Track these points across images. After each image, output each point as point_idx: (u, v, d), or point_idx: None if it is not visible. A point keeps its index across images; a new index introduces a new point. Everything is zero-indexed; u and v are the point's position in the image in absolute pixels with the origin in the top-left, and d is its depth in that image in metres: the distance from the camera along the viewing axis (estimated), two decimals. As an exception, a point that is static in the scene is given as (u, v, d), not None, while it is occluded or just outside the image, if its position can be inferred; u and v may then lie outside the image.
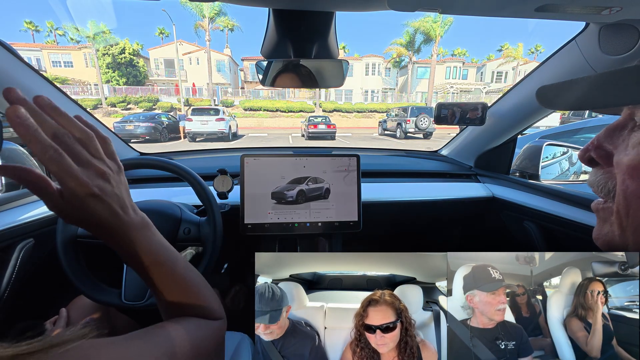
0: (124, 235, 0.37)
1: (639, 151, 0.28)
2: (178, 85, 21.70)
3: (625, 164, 0.28)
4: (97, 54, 22.75)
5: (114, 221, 0.35)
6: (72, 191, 0.32)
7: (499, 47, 32.12)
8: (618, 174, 0.29)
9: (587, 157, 0.33)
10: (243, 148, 1.52)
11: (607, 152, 0.31)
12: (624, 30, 0.63)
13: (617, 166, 0.29)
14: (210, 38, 23.37)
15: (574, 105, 0.31)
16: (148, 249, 0.39)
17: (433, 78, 24.11)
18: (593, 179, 0.33)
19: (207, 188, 0.78)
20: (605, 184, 0.31)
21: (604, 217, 0.33)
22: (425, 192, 1.15)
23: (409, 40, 23.83)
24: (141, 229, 0.39)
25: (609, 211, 0.32)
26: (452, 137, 1.43)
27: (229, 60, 27.89)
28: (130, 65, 24.91)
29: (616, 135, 0.31)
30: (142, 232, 0.39)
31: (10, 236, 0.76)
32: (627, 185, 0.28)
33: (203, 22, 23.05)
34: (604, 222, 0.33)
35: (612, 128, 0.31)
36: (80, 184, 0.32)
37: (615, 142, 0.31)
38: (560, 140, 1.68)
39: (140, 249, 0.38)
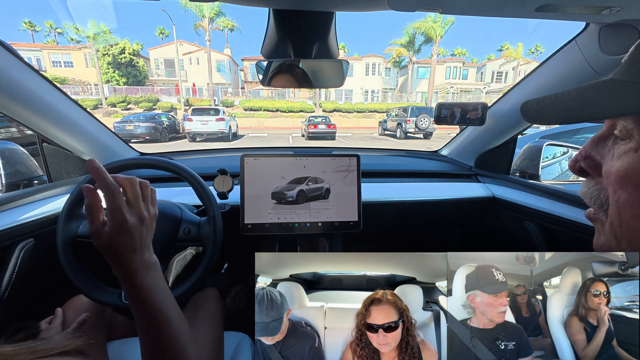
0: (133, 269, 0.42)
1: (624, 162, 0.28)
2: (178, 85, 21.70)
3: (613, 174, 0.29)
4: (97, 54, 22.74)
5: (129, 256, 0.42)
6: (113, 221, 0.41)
7: (499, 47, 32.13)
8: (609, 186, 0.29)
9: (578, 168, 0.33)
10: (243, 148, 1.52)
11: (596, 162, 0.31)
12: (624, 30, 0.63)
13: (607, 177, 0.30)
14: (210, 38, 23.37)
15: (557, 120, 0.31)
16: (148, 287, 0.43)
17: (433, 78, 24.10)
18: (585, 190, 0.33)
19: (207, 188, 0.78)
20: (597, 196, 0.31)
21: (598, 227, 0.33)
22: (425, 192, 1.14)
23: (409, 40, 23.83)
24: (148, 269, 0.44)
25: (600, 222, 0.32)
26: (452, 137, 1.43)
27: (229, 60, 27.88)
28: (130, 65, 24.89)
29: (601, 145, 0.31)
30: (149, 271, 0.44)
31: (11, 236, 0.76)
32: (618, 196, 0.28)
33: (203, 22, 23.05)
34: (599, 232, 0.33)
35: (597, 138, 0.32)
36: (122, 218, 0.41)
37: (602, 152, 0.31)
38: (560, 140, 1.68)
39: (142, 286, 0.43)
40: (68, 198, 0.73)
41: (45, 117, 0.84)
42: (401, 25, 37.18)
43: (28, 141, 2.84)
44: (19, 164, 1.00)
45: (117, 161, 0.76)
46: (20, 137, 3.37)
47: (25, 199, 0.85)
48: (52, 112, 0.84)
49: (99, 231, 0.41)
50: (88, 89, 23.02)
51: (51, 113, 0.84)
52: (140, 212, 0.44)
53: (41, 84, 0.79)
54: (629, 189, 0.27)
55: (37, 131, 0.88)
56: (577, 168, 0.33)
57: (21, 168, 1.00)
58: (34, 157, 1.04)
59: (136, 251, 0.43)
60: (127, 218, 0.41)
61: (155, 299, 0.43)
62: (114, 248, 0.41)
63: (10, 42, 0.70)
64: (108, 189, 0.40)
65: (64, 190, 0.96)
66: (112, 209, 0.41)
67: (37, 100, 0.79)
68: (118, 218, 0.41)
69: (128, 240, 0.42)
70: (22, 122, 0.81)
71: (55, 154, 0.97)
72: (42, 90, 0.79)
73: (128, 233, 0.41)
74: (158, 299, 0.44)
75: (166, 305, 0.44)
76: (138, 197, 0.44)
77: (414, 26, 22.69)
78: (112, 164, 0.75)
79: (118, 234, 0.41)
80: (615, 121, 0.30)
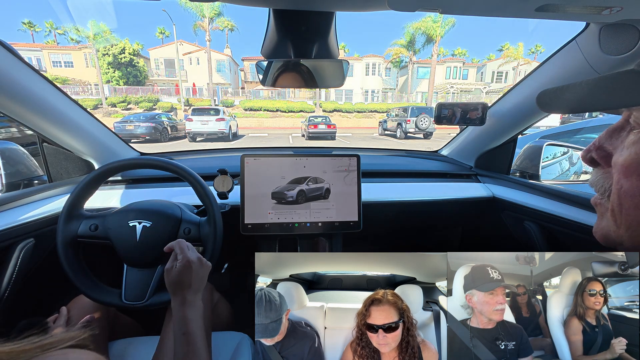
0: (186, 304, 0.58)
1: (631, 151, 0.29)
2: (178, 85, 21.69)
3: (619, 163, 0.30)
4: (97, 54, 22.73)
5: (185, 290, 0.59)
6: (184, 261, 0.60)
7: (500, 47, 32.06)
8: (614, 174, 0.30)
9: (589, 158, 0.34)
10: (243, 148, 1.52)
11: (607, 153, 0.32)
12: (625, 30, 0.63)
13: (614, 166, 0.30)
14: (210, 38, 23.35)
15: (573, 108, 0.32)
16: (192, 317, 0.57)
17: (433, 78, 24.08)
18: (593, 179, 0.34)
19: (207, 188, 0.78)
20: (602, 183, 0.32)
21: (601, 212, 0.34)
22: (425, 192, 1.14)
23: (410, 40, 23.82)
24: (192, 306, 0.58)
25: (604, 207, 0.33)
26: (453, 137, 1.43)
27: (229, 60, 27.87)
28: (130, 65, 24.87)
29: (615, 136, 0.32)
30: (191, 307, 0.58)
31: (11, 236, 0.76)
32: (621, 185, 0.29)
33: (203, 22, 23.03)
34: (601, 216, 0.34)
35: (613, 129, 0.32)
36: (189, 261, 0.60)
37: (615, 143, 0.32)
38: (560, 140, 1.68)
39: (188, 316, 0.57)
40: (68, 198, 0.73)
41: (45, 117, 0.84)
42: (401, 25, 37.17)
43: (28, 141, 2.84)
44: (19, 163, 1.00)
45: (118, 161, 0.76)
46: (20, 137, 3.37)
47: (25, 199, 0.85)
48: (52, 112, 0.84)
49: (169, 270, 0.60)
50: (88, 89, 23.02)
51: (51, 113, 0.84)
52: (202, 260, 0.63)
53: (41, 84, 0.79)
54: (632, 178, 0.28)
55: (38, 131, 0.88)
56: (588, 158, 0.34)
57: (21, 168, 1.00)
58: (34, 157, 1.04)
59: (191, 286, 0.59)
60: (193, 259, 0.61)
61: (193, 330, 0.56)
62: (178, 280, 0.59)
63: (11, 42, 0.70)
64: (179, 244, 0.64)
65: (64, 190, 0.96)
66: (183, 253, 0.61)
67: (38, 100, 0.79)
68: (187, 257, 0.61)
69: (189, 275, 0.59)
70: (22, 122, 0.81)
71: (55, 154, 0.97)
72: (42, 91, 0.79)
73: (190, 269, 0.59)
74: (196, 331, 0.56)
75: (200, 337, 0.57)
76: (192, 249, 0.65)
77: (414, 26, 22.68)
78: (113, 164, 0.75)
79: (183, 269, 0.59)
80: (631, 112, 0.30)
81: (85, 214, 0.76)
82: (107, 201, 0.96)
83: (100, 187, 0.84)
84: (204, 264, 0.63)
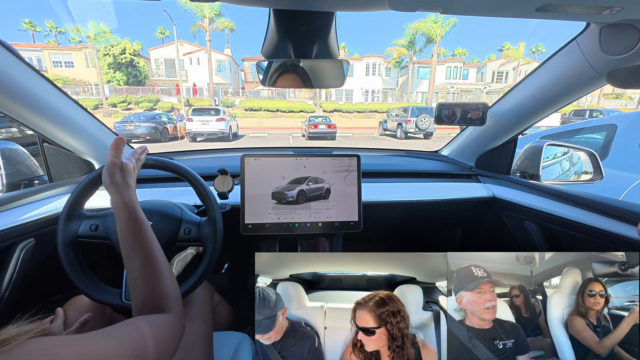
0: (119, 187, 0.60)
1: None
2: (179, 86, 21.69)
3: None
4: (97, 54, 22.75)
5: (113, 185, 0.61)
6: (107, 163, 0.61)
7: (500, 47, 32.05)
8: None
9: None
10: (243, 148, 1.52)
11: None
12: (625, 30, 0.63)
13: None
14: (210, 38, 23.37)
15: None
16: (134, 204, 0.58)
17: (433, 78, 24.07)
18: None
19: (207, 188, 0.78)
20: None
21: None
22: (425, 193, 1.14)
23: (410, 40, 23.80)
24: (126, 188, 0.62)
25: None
26: (453, 137, 1.43)
27: (230, 60, 27.88)
28: (130, 65, 24.88)
29: None
30: (126, 188, 0.61)
31: (11, 236, 0.76)
32: None
33: (203, 22, 23.05)
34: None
35: None
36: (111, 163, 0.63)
37: None
38: (560, 140, 1.68)
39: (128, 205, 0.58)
40: (69, 198, 0.73)
41: (46, 117, 0.84)
42: (402, 25, 37.16)
43: (29, 141, 2.84)
44: (20, 163, 1.00)
45: None
46: (21, 137, 3.38)
47: (25, 199, 0.85)
48: (53, 112, 0.84)
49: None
50: (89, 89, 23.03)
51: (52, 113, 0.84)
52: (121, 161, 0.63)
53: (42, 84, 0.79)
54: None
55: (38, 131, 0.88)
56: None
57: (22, 168, 1.00)
58: (34, 157, 1.04)
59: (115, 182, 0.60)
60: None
61: (144, 232, 0.53)
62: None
63: (11, 42, 0.70)
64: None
65: (64, 190, 0.96)
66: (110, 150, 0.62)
67: (38, 100, 0.79)
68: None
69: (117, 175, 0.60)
70: (22, 122, 0.81)
71: (55, 154, 0.97)
72: (43, 91, 0.79)
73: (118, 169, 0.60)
74: (146, 233, 0.53)
75: (152, 239, 0.53)
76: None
77: (414, 26, 22.67)
78: None
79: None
80: None
81: (86, 214, 0.76)
82: (107, 201, 0.95)
83: (100, 187, 0.84)
84: (124, 168, 0.64)
